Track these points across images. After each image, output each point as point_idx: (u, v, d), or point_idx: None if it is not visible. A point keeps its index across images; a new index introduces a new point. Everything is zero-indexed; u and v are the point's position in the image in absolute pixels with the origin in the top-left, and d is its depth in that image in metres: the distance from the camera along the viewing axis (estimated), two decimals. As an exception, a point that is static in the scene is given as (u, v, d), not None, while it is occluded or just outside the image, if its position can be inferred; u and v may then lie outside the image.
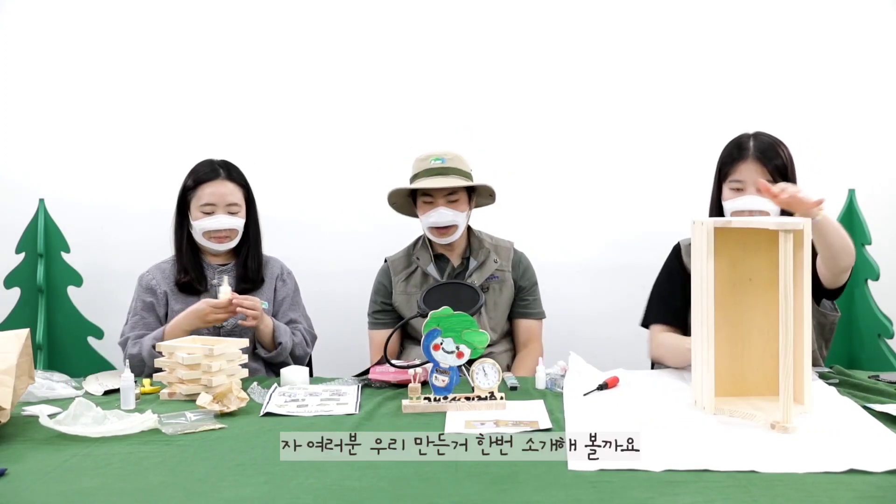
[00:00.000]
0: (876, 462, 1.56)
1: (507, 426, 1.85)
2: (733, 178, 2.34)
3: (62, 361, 3.33)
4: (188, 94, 3.53)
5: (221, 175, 2.62)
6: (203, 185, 2.61)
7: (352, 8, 3.51)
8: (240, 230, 2.64)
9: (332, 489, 1.51)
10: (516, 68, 3.52)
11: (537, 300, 2.84)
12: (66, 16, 3.53)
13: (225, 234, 2.62)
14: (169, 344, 2.24)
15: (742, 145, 2.36)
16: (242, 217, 2.64)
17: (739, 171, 2.34)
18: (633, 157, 3.51)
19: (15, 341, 1.95)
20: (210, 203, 2.60)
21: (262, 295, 2.66)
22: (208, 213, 2.60)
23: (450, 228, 2.69)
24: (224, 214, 2.60)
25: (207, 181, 2.61)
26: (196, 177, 2.63)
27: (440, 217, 2.67)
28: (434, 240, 2.74)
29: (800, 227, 1.81)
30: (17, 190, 3.50)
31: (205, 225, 2.59)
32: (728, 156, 2.37)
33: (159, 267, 2.69)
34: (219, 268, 2.67)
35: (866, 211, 3.25)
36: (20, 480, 1.59)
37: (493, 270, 2.76)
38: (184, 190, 2.64)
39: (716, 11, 3.47)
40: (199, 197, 2.60)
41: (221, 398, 2.01)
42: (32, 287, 3.40)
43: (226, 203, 2.60)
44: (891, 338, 3.18)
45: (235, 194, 2.63)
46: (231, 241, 2.63)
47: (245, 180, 2.69)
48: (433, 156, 2.71)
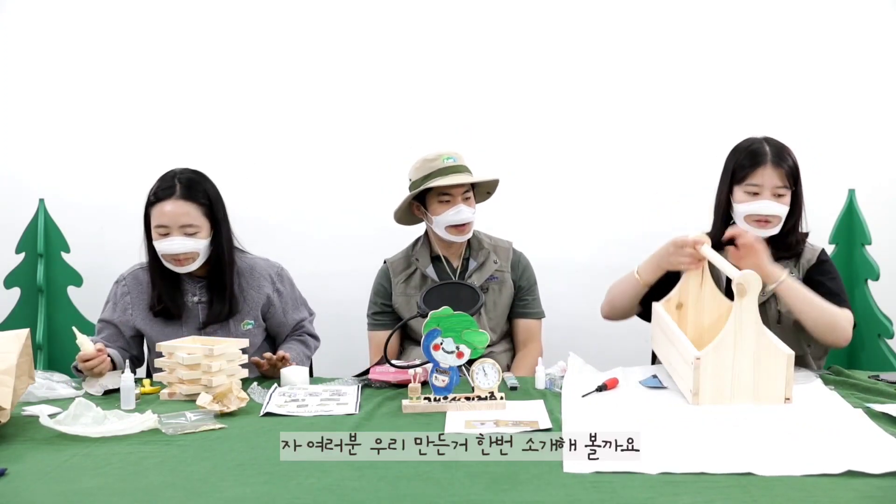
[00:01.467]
0: (875, 464, 1.56)
1: (507, 426, 1.85)
2: (751, 181, 2.36)
3: (62, 361, 3.33)
4: (188, 94, 3.54)
5: (176, 193, 2.38)
6: (158, 204, 2.39)
7: (349, 12, 3.51)
8: (200, 252, 2.40)
9: (332, 489, 1.51)
10: (515, 68, 3.52)
11: (536, 300, 2.83)
12: (65, 16, 3.53)
13: (184, 257, 2.39)
14: (169, 344, 2.23)
15: (759, 150, 2.38)
16: (204, 238, 2.40)
17: (757, 175, 2.36)
18: (632, 157, 3.51)
19: (15, 341, 1.95)
20: (163, 224, 2.37)
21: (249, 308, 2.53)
22: (163, 235, 2.38)
23: (467, 225, 2.69)
24: (180, 236, 2.37)
25: (162, 199, 2.39)
26: (154, 193, 2.42)
27: (460, 214, 2.65)
28: (452, 239, 2.70)
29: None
30: (17, 190, 3.50)
31: (160, 247, 2.38)
32: (745, 160, 2.39)
33: (136, 277, 2.53)
34: (199, 283, 2.49)
35: (866, 211, 3.25)
36: (20, 480, 1.59)
37: (493, 271, 2.75)
38: (147, 205, 2.43)
39: (716, 13, 3.48)
40: (154, 216, 2.39)
41: (221, 398, 2.01)
42: (32, 287, 3.40)
43: (179, 224, 2.37)
44: (891, 338, 3.18)
45: (191, 214, 2.38)
46: (192, 264, 2.40)
47: (209, 197, 2.43)
48: (444, 155, 2.68)
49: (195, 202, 2.41)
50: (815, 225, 3.28)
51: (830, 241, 3.28)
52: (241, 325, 2.53)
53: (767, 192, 2.35)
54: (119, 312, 2.52)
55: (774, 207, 2.35)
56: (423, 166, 2.70)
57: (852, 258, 3.24)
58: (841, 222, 3.28)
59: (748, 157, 2.39)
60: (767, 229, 2.37)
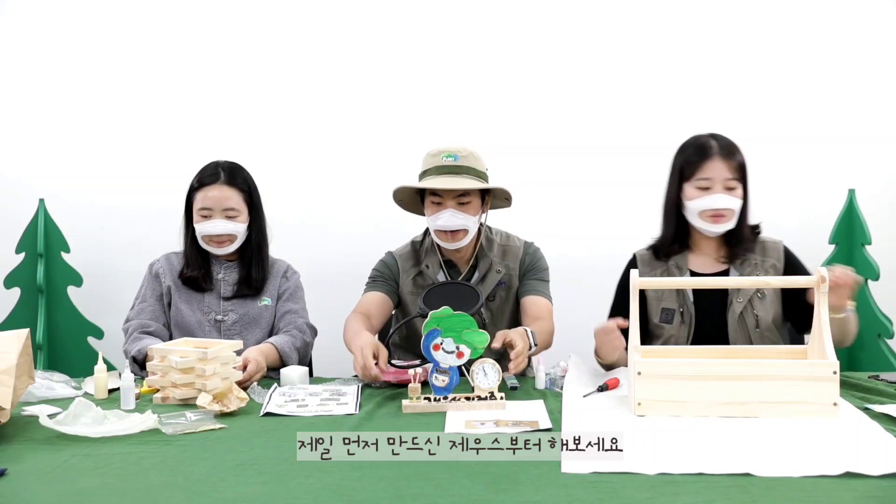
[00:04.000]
0: (874, 466, 1.56)
1: (507, 426, 1.85)
2: (701, 175, 2.34)
3: (62, 361, 3.33)
4: (190, 94, 3.54)
5: (221, 179, 2.59)
6: (203, 189, 2.59)
7: (353, 9, 3.51)
8: (239, 235, 2.61)
9: (332, 489, 1.51)
10: (524, 72, 3.52)
11: (546, 286, 2.65)
12: (66, 16, 3.53)
13: (225, 238, 2.59)
14: (162, 347, 2.23)
15: (705, 144, 2.38)
16: (243, 222, 2.61)
17: (707, 168, 2.34)
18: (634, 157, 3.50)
19: (15, 341, 1.95)
20: (207, 207, 2.57)
21: (265, 295, 2.66)
22: (206, 217, 2.57)
23: (458, 233, 2.50)
24: (221, 219, 2.57)
25: (207, 185, 2.58)
26: (199, 179, 2.62)
27: (448, 221, 2.46)
28: (441, 244, 2.55)
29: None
30: (17, 190, 3.51)
31: (202, 229, 2.58)
32: (693, 155, 2.37)
33: (168, 258, 2.70)
34: (225, 263, 2.66)
35: (866, 211, 3.25)
36: (20, 480, 1.59)
37: (498, 279, 2.61)
38: (190, 190, 2.63)
39: (717, 14, 3.48)
40: (198, 200, 2.59)
41: (221, 398, 2.01)
42: (32, 287, 3.40)
43: (222, 208, 2.57)
44: (891, 338, 3.18)
45: (234, 199, 2.59)
46: (231, 245, 2.60)
47: (248, 185, 2.65)
48: (445, 152, 2.50)
49: (237, 188, 2.60)
50: (816, 225, 3.32)
51: (830, 241, 3.28)
52: (258, 301, 2.63)
53: (719, 185, 2.33)
54: (155, 284, 2.65)
55: (727, 201, 2.33)
56: (425, 160, 2.55)
57: (852, 258, 3.24)
58: (841, 222, 3.28)
59: (696, 152, 2.37)
60: (722, 224, 2.35)
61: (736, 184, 2.34)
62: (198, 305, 2.60)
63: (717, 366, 1.92)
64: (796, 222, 3.17)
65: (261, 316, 2.63)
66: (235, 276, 2.65)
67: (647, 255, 2.51)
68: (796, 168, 3.46)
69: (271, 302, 2.66)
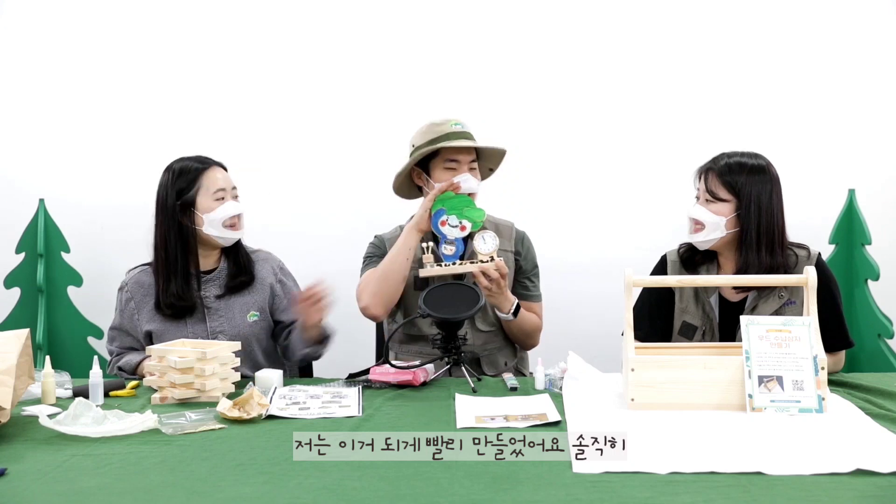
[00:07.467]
0: (879, 463, 1.55)
1: (517, 420, 1.87)
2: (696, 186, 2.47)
3: (62, 361, 3.33)
4: (187, 94, 3.54)
5: (213, 162, 2.54)
6: (205, 174, 2.49)
7: (346, 9, 3.51)
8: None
9: (332, 489, 1.50)
10: (519, 69, 3.52)
11: (537, 285, 2.71)
12: (65, 16, 3.53)
13: (240, 220, 2.52)
14: (160, 347, 2.19)
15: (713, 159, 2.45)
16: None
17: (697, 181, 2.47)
18: (636, 157, 3.51)
19: (15, 341, 1.95)
20: (220, 188, 2.48)
21: (256, 296, 2.57)
22: (220, 200, 2.48)
23: (473, 196, 2.55)
24: (232, 200, 2.50)
25: (207, 169, 2.50)
26: (190, 173, 2.50)
27: (467, 183, 2.51)
28: None
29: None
30: (17, 190, 3.51)
31: (222, 213, 2.46)
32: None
33: (138, 280, 2.55)
34: (204, 277, 2.52)
35: (866, 211, 3.25)
36: (20, 480, 1.59)
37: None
38: (177, 192, 2.48)
39: (719, 15, 3.48)
40: (206, 187, 2.47)
41: (243, 404, 1.97)
42: (32, 287, 3.40)
43: (231, 186, 2.52)
44: (891, 338, 3.18)
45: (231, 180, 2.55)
46: (242, 229, 2.53)
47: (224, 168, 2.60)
48: (451, 120, 2.57)
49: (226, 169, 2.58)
50: (816, 225, 3.32)
51: (830, 241, 3.28)
52: (247, 316, 2.54)
53: (702, 197, 2.41)
54: (126, 319, 2.55)
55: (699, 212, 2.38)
56: (429, 130, 2.57)
57: (852, 258, 3.24)
58: (841, 222, 3.28)
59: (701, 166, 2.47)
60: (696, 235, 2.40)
61: (717, 200, 2.35)
62: (181, 333, 2.45)
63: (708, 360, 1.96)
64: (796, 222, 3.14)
65: (251, 333, 2.54)
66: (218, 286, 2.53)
67: (677, 263, 2.50)
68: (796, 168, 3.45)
69: (259, 316, 2.57)
